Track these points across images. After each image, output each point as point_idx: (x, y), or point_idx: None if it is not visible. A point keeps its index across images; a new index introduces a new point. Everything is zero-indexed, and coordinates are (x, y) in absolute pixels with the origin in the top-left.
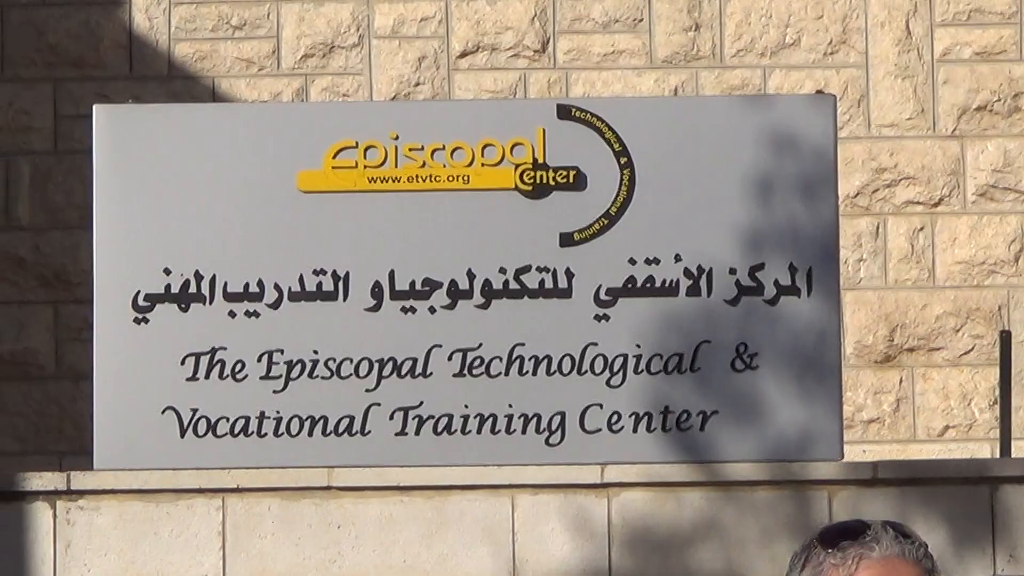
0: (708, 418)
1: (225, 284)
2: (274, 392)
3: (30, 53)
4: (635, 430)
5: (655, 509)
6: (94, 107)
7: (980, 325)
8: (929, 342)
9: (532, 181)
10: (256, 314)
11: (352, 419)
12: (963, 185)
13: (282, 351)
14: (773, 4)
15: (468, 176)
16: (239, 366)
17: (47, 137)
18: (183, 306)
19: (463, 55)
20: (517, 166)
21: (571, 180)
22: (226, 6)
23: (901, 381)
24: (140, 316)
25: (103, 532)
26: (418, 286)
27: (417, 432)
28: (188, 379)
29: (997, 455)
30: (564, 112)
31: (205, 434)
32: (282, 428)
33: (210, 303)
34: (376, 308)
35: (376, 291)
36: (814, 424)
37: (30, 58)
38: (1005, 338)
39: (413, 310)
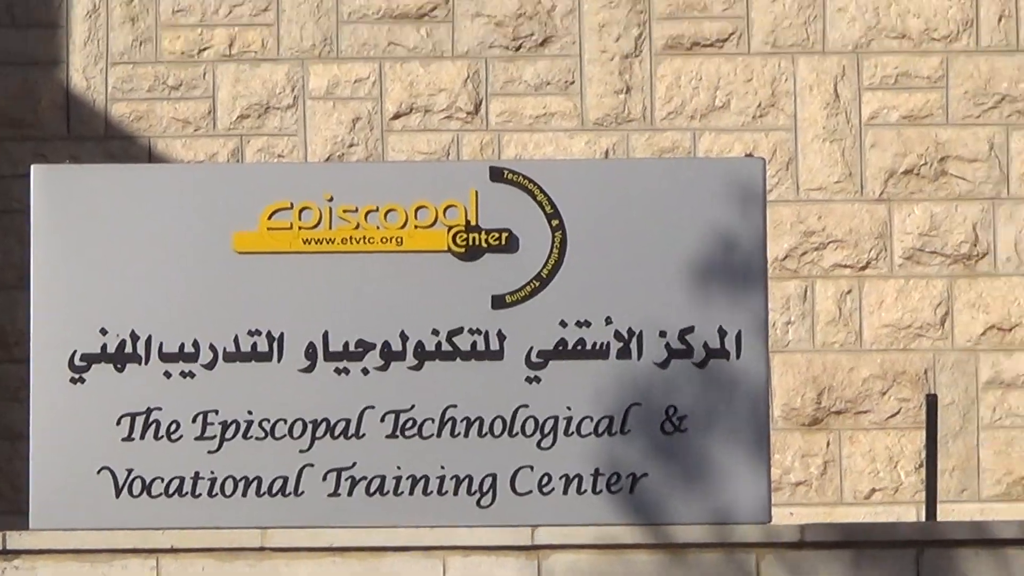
0: (638, 480)
1: (161, 344)
2: (208, 452)
3: None
4: (565, 492)
5: (586, 570)
6: (32, 167)
7: (906, 388)
8: (856, 405)
9: (465, 243)
10: (191, 374)
11: (286, 480)
12: (890, 248)
13: (217, 411)
14: (703, 67)
15: (401, 238)
16: (174, 426)
17: None
18: (119, 366)
19: (396, 116)
20: (450, 228)
21: (503, 242)
22: (163, 66)
23: (828, 444)
24: (76, 376)
25: None
26: (352, 347)
27: (350, 493)
28: (124, 439)
29: (923, 518)
30: (496, 174)
31: (140, 494)
32: (216, 488)
33: (146, 363)
34: (310, 369)
35: (310, 352)
36: (742, 486)
37: None
38: (931, 401)
39: (347, 371)
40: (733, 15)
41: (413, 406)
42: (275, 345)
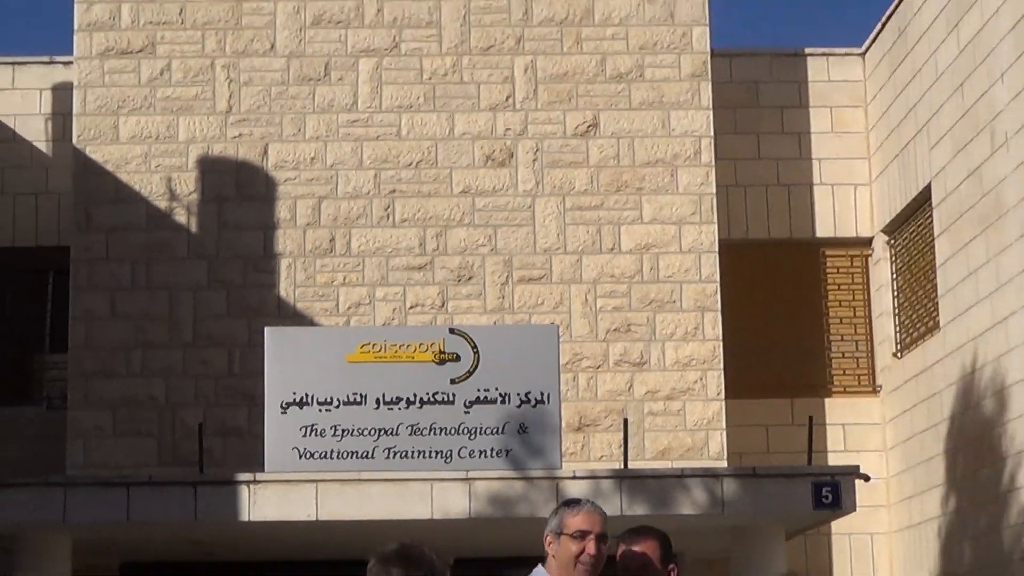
0: (510, 452)
1: (323, 398)
2: (336, 440)
3: None
4: (481, 456)
5: (491, 490)
6: (266, 329)
7: None
8: None
9: (439, 359)
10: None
11: (369, 452)
12: None
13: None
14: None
15: (414, 356)
16: (326, 432)
17: None
18: (301, 408)
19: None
20: (433, 352)
21: (455, 358)
22: None
23: None
24: (282, 412)
25: None
26: (395, 398)
27: (394, 457)
28: (302, 437)
29: None
30: (452, 331)
31: (307, 458)
32: (335, 455)
33: (307, 406)
34: (379, 407)
35: (382, 399)
36: (546, 453)
37: None
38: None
39: (393, 406)
40: None
41: (418, 422)
42: (370, 399)
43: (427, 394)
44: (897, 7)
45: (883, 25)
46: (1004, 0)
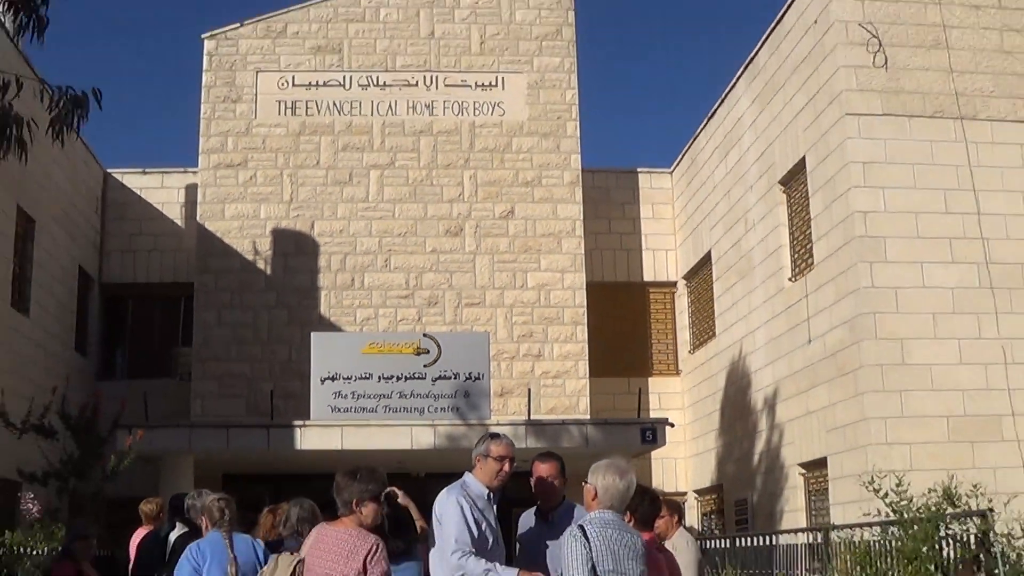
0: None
1: (348, 376)
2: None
3: None
4: (445, 412)
5: (449, 433)
6: (312, 334)
7: None
8: None
9: (416, 351)
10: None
11: (374, 409)
12: None
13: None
14: None
15: (403, 350)
16: (348, 396)
17: None
18: (335, 383)
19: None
20: (413, 347)
21: (426, 351)
22: None
23: None
24: (322, 383)
25: None
26: (388, 375)
27: (391, 413)
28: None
29: None
30: (424, 336)
31: (338, 412)
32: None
33: (338, 381)
34: (369, 379)
35: (384, 377)
36: (480, 410)
37: None
38: None
39: (390, 380)
40: None
41: (403, 391)
42: (374, 376)
43: (409, 373)
44: (691, 145)
45: (683, 155)
46: (753, 141)
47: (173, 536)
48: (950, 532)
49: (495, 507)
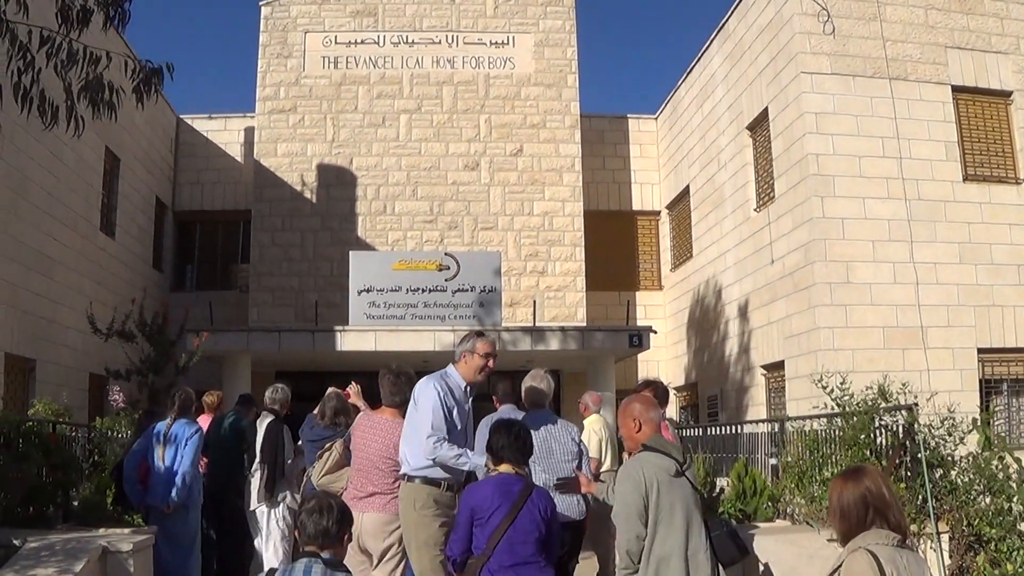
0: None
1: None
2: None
3: None
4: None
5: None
6: (351, 253)
7: None
8: None
9: (439, 267)
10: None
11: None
12: None
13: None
14: None
15: (428, 267)
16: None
17: None
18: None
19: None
20: (436, 263)
21: (448, 267)
22: None
23: None
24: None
25: None
26: (416, 286)
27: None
28: None
29: None
30: (446, 255)
31: None
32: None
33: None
34: (393, 291)
35: (404, 288)
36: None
37: None
38: None
39: (416, 291)
40: None
41: (428, 301)
42: (403, 289)
43: (433, 286)
44: (672, 95)
45: (666, 103)
46: (724, 93)
47: (265, 422)
48: (883, 423)
49: (471, 400)
